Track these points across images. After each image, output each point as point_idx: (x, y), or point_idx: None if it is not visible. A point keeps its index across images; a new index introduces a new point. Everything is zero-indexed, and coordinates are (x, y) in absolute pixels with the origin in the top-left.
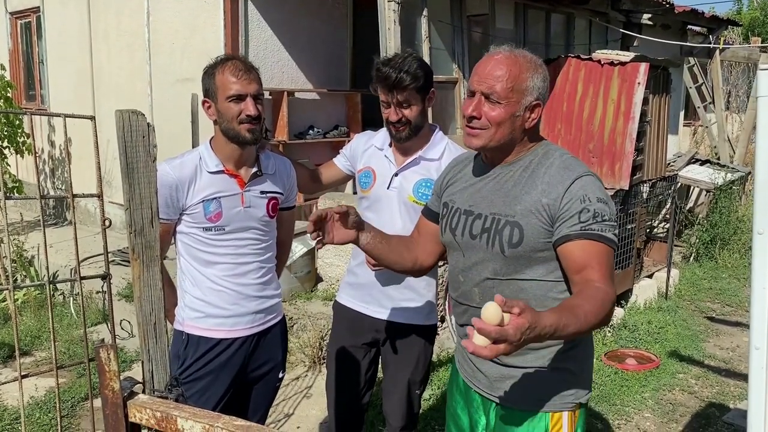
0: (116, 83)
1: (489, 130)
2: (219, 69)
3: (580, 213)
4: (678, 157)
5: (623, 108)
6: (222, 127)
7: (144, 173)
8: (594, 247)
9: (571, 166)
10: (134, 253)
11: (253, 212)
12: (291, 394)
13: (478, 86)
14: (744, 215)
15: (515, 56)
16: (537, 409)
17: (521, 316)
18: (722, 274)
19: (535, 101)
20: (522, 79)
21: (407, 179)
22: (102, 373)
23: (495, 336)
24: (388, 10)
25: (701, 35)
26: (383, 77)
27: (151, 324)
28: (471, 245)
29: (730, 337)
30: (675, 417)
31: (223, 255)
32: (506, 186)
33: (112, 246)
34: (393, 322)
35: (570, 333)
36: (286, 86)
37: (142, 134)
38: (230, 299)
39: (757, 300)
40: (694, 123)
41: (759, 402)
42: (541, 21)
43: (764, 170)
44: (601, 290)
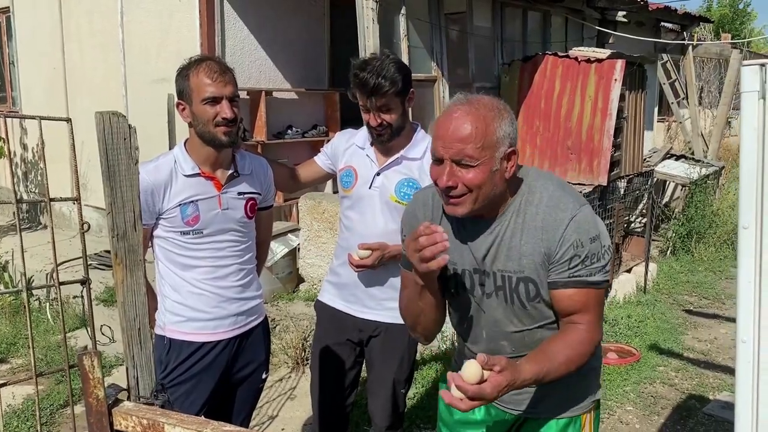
0: (90, 84)
1: (471, 194)
2: (193, 71)
3: (571, 260)
4: (654, 153)
5: (600, 105)
6: (197, 129)
7: (126, 176)
8: (580, 294)
9: (561, 204)
10: (117, 258)
11: (231, 214)
12: (275, 396)
13: (444, 152)
14: (719, 209)
15: (476, 109)
16: (571, 413)
17: (501, 374)
18: (698, 267)
19: (509, 149)
20: (490, 132)
21: (389, 179)
22: (86, 381)
23: (471, 395)
24: (366, 8)
25: (674, 32)
26: (361, 83)
27: (135, 329)
28: (488, 303)
29: (708, 329)
30: (656, 410)
31: (202, 258)
32: (504, 239)
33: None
34: (376, 322)
35: (549, 380)
36: (264, 86)
37: (124, 137)
38: (211, 302)
39: (743, 294)
40: (668, 119)
41: (746, 395)
42: (517, 18)
43: (748, 166)
44: (585, 336)
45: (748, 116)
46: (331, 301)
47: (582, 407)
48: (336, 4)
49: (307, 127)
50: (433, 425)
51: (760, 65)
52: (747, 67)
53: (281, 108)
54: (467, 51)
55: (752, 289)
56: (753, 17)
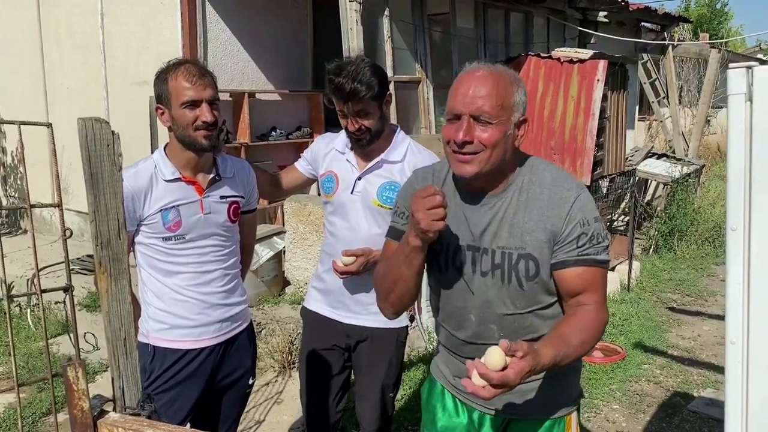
0: (69, 87)
1: (483, 153)
2: (171, 74)
3: (578, 238)
4: (636, 152)
5: (583, 105)
6: (177, 134)
7: (109, 183)
8: (589, 273)
9: (564, 183)
10: (101, 267)
11: (214, 218)
12: (261, 401)
13: (464, 108)
14: (700, 207)
15: (497, 72)
16: (557, 414)
17: (523, 359)
18: (681, 264)
19: (522, 117)
20: (509, 94)
21: (371, 183)
22: (70, 392)
23: (496, 382)
24: (350, 10)
25: (653, 32)
26: (337, 88)
27: (120, 339)
28: (482, 283)
29: (691, 326)
30: (642, 407)
31: (186, 264)
32: (506, 216)
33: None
34: (364, 327)
35: (566, 363)
36: (247, 87)
37: (107, 143)
38: (195, 309)
39: (732, 295)
40: (649, 118)
41: (736, 396)
42: (500, 19)
43: (736, 168)
44: (595, 316)
45: (735, 119)
46: (317, 308)
47: (566, 407)
48: (319, 5)
49: (291, 128)
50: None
51: (746, 68)
52: (733, 70)
53: (265, 110)
54: (451, 52)
55: (741, 290)
56: (730, 17)
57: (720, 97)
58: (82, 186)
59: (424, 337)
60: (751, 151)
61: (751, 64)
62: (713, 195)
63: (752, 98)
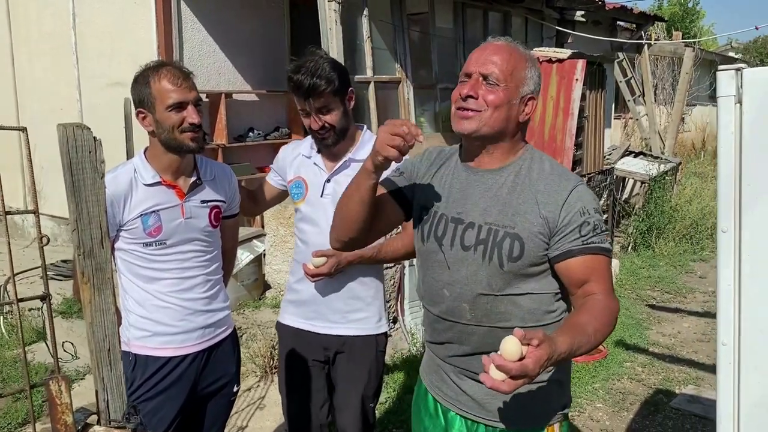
0: (41, 88)
1: (485, 112)
2: (154, 77)
3: (581, 226)
4: (613, 150)
5: (562, 104)
6: (162, 137)
7: (92, 191)
8: (595, 261)
9: (563, 174)
10: (84, 277)
11: (195, 223)
12: (243, 406)
13: (476, 68)
14: (677, 204)
15: (515, 45)
16: (533, 425)
17: (540, 347)
18: (659, 262)
19: (530, 94)
20: (521, 67)
21: (340, 184)
22: (53, 406)
23: (516, 373)
24: (329, 10)
25: (628, 30)
26: (296, 86)
27: (104, 350)
28: (461, 257)
29: (671, 323)
30: (625, 405)
31: (167, 270)
32: (500, 193)
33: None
34: (341, 336)
35: (582, 352)
36: (224, 88)
37: (89, 149)
38: (177, 315)
39: (723, 297)
40: (624, 116)
41: (727, 396)
42: (478, 19)
43: (726, 170)
44: (607, 305)
45: (725, 120)
46: (292, 321)
47: (548, 418)
48: (295, 4)
49: (269, 129)
50: (406, 429)
51: (736, 70)
52: (723, 72)
53: (242, 110)
54: (430, 52)
55: (732, 291)
56: (701, 16)
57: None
58: (54, 189)
59: (408, 338)
60: (741, 152)
61: (740, 66)
62: (689, 192)
63: (741, 100)
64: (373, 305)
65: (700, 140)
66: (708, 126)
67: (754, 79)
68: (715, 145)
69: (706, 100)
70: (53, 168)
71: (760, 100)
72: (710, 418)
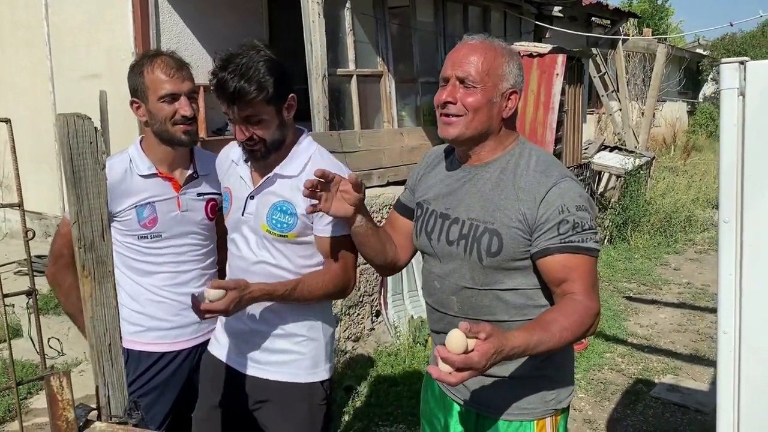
0: (13, 82)
1: (466, 116)
2: (148, 67)
3: (559, 224)
4: (589, 144)
5: (543, 99)
6: (155, 128)
7: (93, 182)
8: (574, 260)
9: (548, 170)
10: (84, 270)
11: (191, 216)
12: None
13: (452, 71)
14: (651, 198)
15: (490, 42)
16: (521, 417)
17: (487, 341)
18: (635, 254)
19: (511, 88)
20: (497, 64)
21: (262, 203)
22: (54, 403)
23: (459, 365)
24: (312, 2)
25: (601, 26)
26: (219, 86)
27: (105, 345)
28: (447, 251)
29: (648, 314)
30: (607, 395)
31: (162, 264)
32: (484, 189)
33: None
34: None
35: (544, 350)
36: (203, 81)
37: (90, 140)
38: (172, 310)
39: (724, 286)
40: (597, 110)
41: (728, 384)
42: (458, 13)
43: (728, 161)
44: (581, 304)
45: (728, 113)
46: (217, 353)
47: (537, 412)
48: None
49: None
50: (391, 422)
51: (740, 63)
52: (726, 65)
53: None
54: (411, 46)
55: (733, 281)
56: (670, 13)
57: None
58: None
59: (391, 332)
60: (743, 144)
61: (743, 59)
62: (663, 186)
63: (744, 93)
64: (312, 344)
65: (670, 135)
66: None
67: (758, 71)
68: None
69: (676, 96)
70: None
71: (762, 93)
72: (689, 407)
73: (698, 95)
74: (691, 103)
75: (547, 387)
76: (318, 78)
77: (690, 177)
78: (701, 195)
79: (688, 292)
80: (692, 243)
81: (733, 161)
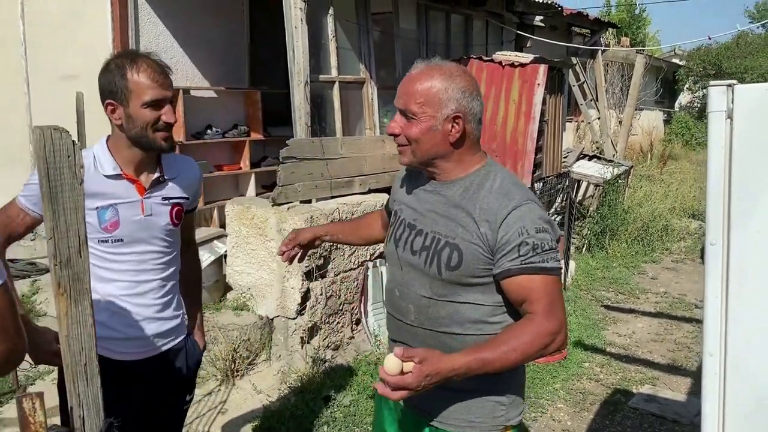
0: None
1: (410, 146)
2: (131, 69)
3: (519, 246)
4: (569, 153)
5: (524, 108)
6: (131, 133)
7: (70, 198)
8: (534, 281)
9: (509, 193)
10: (60, 288)
11: (155, 221)
12: (204, 411)
13: (396, 103)
14: (629, 207)
15: (431, 69)
16: (470, 431)
17: (422, 364)
18: (613, 263)
19: (454, 113)
20: (434, 92)
21: None
22: (26, 426)
23: (393, 386)
24: (295, 8)
25: (581, 35)
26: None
27: (81, 365)
28: (410, 261)
29: (626, 323)
30: (586, 406)
31: (122, 272)
32: (447, 206)
33: None
34: None
35: (491, 370)
36: (181, 84)
37: (67, 154)
38: (127, 321)
39: (710, 308)
40: (576, 119)
41: (713, 408)
42: (441, 21)
43: (715, 183)
44: (536, 325)
45: (716, 136)
46: None
47: (481, 426)
48: (256, 1)
49: (227, 126)
50: None
51: (727, 86)
52: (714, 87)
53: (200, 107)
54: (394, 53)
55: (719, 304)
56: (647, 23)
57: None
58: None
59: (371, 340)
60: (731, 167)
61: (731, 82)
62: (640, 195)
63: (732, 116)
64: None
65: (647, 144)
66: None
67: (746, 95)
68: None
69: (653, 105)
70: None
71: (750, 116)
72: (666, 417)
73: (674, 104)
74: (667, 112)
75: (497, 404)
76: (300, 84)
77: (667, 186)
78: (678, 204)
79: (665, 302)
80: (669, 252)
81: (720, 184)
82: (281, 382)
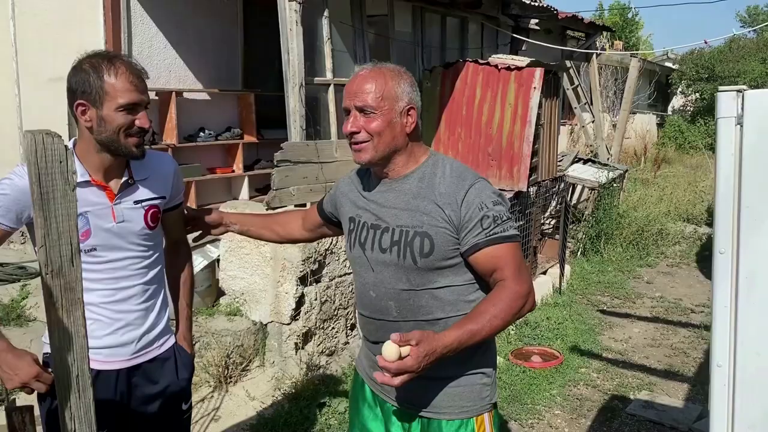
0: None
1: (372, 141)
2: (107, 70)
3: (482, 221)
4: (564, 157)
5: (520, 112)
6: (102, 137)
7: (62, 204)
8: (500, 250)
9: (462, 175)
10: (51, 298)
11: (129, 227)
12: (197, 418)
13: (351, 102)
14: (624, 211)
15: (378, 69)
16: (462, 415)
17: (419, 346)
18: (608, 267)
19: (408, 105)
20: (389, 87)
21: None
22: None
23: (395, 371)
24: (290, 10)
25: (575, 39)
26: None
27: (72, 376)
28: (381, 259)
29: (622, 328)
30: (583, 412)
31: (99, 281)
32: (407, 199)
33: None
34: None
35: (479, 340)
36: (174, 86)
37: (59, 159)
38: (107, 329)
39: (719, 318)
40: (570, 122)
41: (721, 418)
42: (436, 24)
43: (725, 191)
44: (508, 290)
45: (725, 142)
46: None
47: (475, 408)
48: (249, 2)
49: (220, 129)
50: None
51: (737, 91)
52: (724, 93)
53: (193, 109)
54: (389, 55)
55: (728, 314)
56: (640, 26)
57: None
58: None
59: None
60: (740, 174)
61: (741, 88)
62: (635, 199)
63: (742, 122)
64: None
65: (641, 147)
66: (648, 133)
67: (756, 101)
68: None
69: (646, 109)
70: None
71: (761, 122)
72: (664, 424)
73: (667, 108)
74: (661, 116)
75: (483, 384)
76: (295, 87)
77: (661, 189)
78: (672, 208)
79: (661, 306)
80: (664, 256)
81: (729, 191)
82: (275, 388)
